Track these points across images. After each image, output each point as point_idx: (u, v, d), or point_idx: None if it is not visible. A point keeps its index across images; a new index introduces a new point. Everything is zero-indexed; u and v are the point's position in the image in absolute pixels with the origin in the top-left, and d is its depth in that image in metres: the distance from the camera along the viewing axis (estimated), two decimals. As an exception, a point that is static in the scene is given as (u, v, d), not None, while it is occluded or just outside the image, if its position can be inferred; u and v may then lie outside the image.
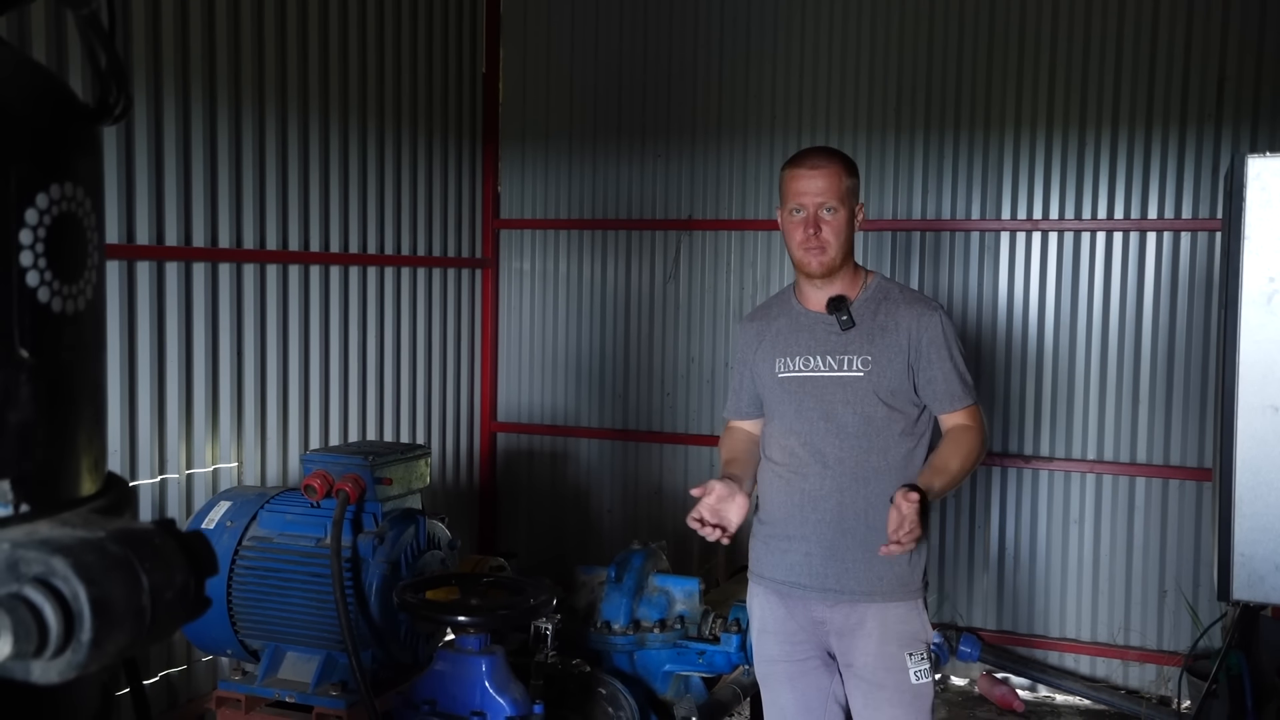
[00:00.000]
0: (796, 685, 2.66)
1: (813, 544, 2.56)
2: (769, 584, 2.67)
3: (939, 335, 2.55)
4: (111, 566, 0.88)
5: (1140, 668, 4.85)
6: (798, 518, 2.58)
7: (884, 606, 2.53)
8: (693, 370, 5.54)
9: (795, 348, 2.62)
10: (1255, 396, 2.12)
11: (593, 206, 5.69)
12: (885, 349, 2.54)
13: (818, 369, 2.58)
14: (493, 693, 2.67)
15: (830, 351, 2.57)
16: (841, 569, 2.54)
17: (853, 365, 2.55)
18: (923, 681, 2.53)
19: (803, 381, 2.59)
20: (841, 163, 2.60)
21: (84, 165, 1.07)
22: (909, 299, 2.62)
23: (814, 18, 5.25)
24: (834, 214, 2.54)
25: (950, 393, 2.55)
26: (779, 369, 2.63)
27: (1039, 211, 4.92)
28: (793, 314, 2.68)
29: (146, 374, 3.80)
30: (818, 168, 2.56)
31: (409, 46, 5.18)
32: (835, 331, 2.57)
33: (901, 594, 2.55)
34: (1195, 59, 4.68)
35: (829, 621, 2.59)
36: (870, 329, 2.56)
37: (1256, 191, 2.11)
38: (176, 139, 3.91)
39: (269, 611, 3.24)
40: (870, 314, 2.58)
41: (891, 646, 2.53)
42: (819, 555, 2.56)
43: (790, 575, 2.61)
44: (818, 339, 2.60)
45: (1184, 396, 4.75)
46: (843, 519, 2.53)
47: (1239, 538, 2.13)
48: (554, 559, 5.42)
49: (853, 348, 2.55)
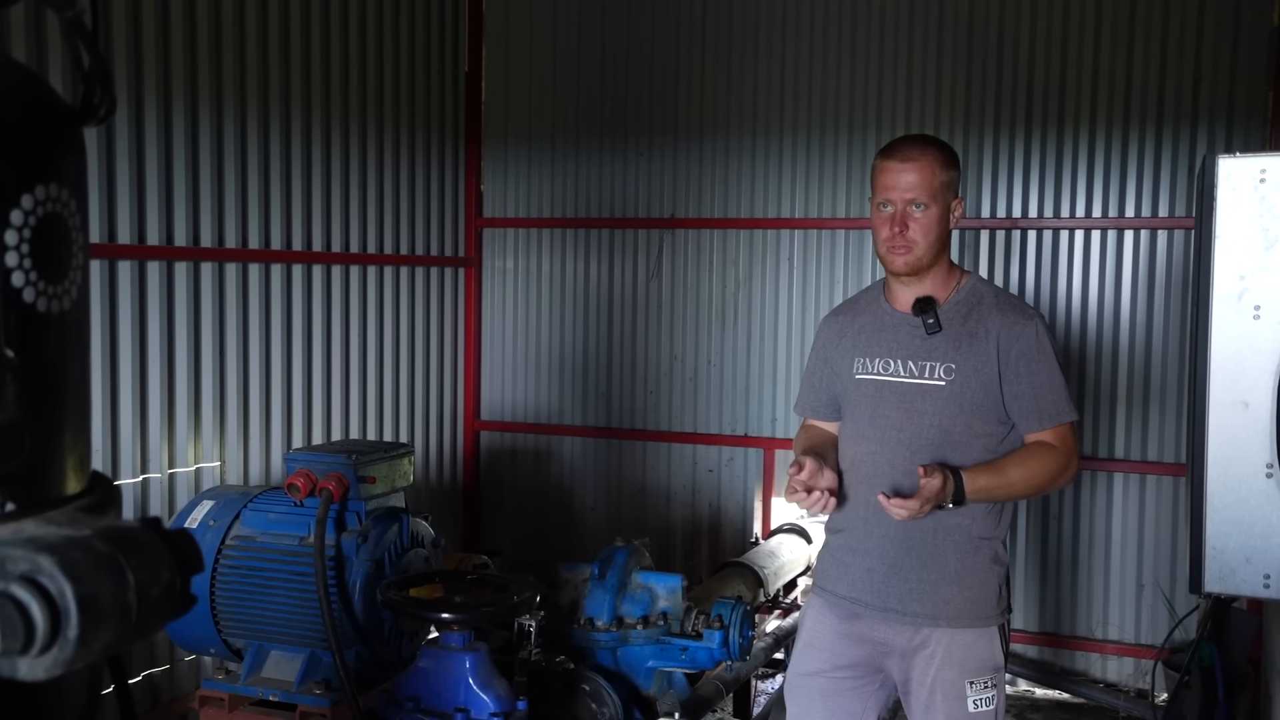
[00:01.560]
0: (830, 704, 2.52)
1: (875, 559, 2.41)
2: (828, 597, 2.52)
3: (1030, 346, 2.33)
4: (98, 564, 0.89)
5: (1118, 661, 4.90)
6: (862, 530, 2.43)
7: (950, 632, 2.37)
8: (675, 368, 5.56)
9: (876, 349, 2.45)
10: (1226, 393, 2.15)
11: (576, 205, 5.70)
12: (972, 358, 2.34)
13: (897, 374, 2.40)
14: (476, 689, 2.68)
15: (913, 356, 2.39)
16: (905, 589, 2.38)
17: (935, 373, 2.36)
18: (983, 710, 2.35)
19: (880, 385, 2.42)
20: (937, 154, 2.38)
21: (69, 166, 1.07)
22: (1003, 305, 2.41)
23: (795, 16, 5.27)
24: (924, 211, 2.35)
25: (1038, 410, 2.34)
26: (857, 369, 2.47)
27: (1017, 210, 4.96)
28: (879, 312, 2.50)
29: (128, 373, 3.79)
30: (910, 159, 2.35)
31: (391, 45, 5.18)
32: (920, 335, 2.38)
33: (971, 620, 2.37)
34: (1171, 59, 4.73)
35: (890, 643, 2.43)
36: (958, 335, 2.36)
37: (1227, 191, 2.14)
38: (158, 138, 3.90)
39: (252, 610, 3.23)
40: (960, 319, 2.38)
41: (951, 672, 2.36)
42: (881, 572, 2.40)
43: (852, 591, 2.46)
44: (901, 342, 2.42)
45: (1161, 393, 4.80)
46: (909, 536, 2.36)
47: (1210, 531, 2.17)
48: (539, 559, 5.43)
49: (937, 354, 2.36)
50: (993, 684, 2.38)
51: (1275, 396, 2.10)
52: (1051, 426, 2.35)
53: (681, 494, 5.58)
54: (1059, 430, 2.36)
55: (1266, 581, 2.11)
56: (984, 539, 2.40)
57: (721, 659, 3.28)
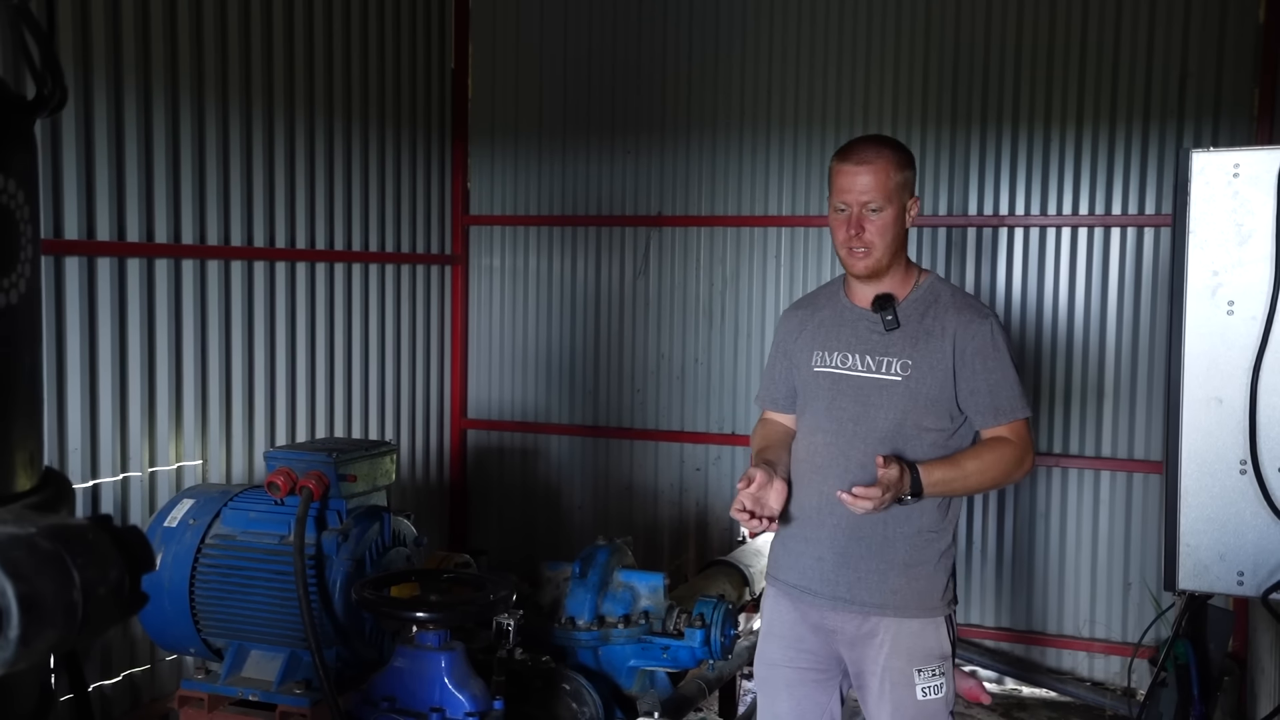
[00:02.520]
0: (795, 693, 2.56)
1: (825, 548, 2.46)
2: (782, 586, 2.58)
3: (986, 344, 2.39)
4: (42, 562, 0.88)
5: (1105, 659, 4.90)
6: (814, 520, 2.47)
7: (897, 621, 2.42)
8: (662, 366, 5.54)
9: (835, 343, 2.50)
10: (1200, 389, 2.15)
11: (562, 203, 5.69)
12: (928, 354, 2.40)
13: (855, 368, 2.46)
14: (452, 689, 2.66)
15: (870, 351, 2.45)
16: (854, 578, 2.43)
17: (892, 368, 2.41)
18: (931, 699, 2.41)
19: (838, 379, 2.48)
20: (892, 155, 2.42)
21: (16, 158, 1.06)
22: (959, 303, 2.46)
23: (782, 14, 5.26)
24: (879, 214, 2.38)
25: (994, 406, 2.39)
26: (816, 362, 2.53)
27: (1005, 207, 4.96)
28: (838, 307, 2.55)
29: (108, 371, 3.77)
30: (865, 163, 2.39)
31: (376, 41, 5.16)
32: (878, 331, 2.44)
33: (918, 610, 2.43)
34: (1158, 56, 4.73)
35: (840, 631, 2.49)
36: (915, 332, 2.42)
37: (1201, 186, 2.13)
38: (138, 134, 3.87)
39: (232, 610, 3.21)
40: (917, 316, 2.44)
41: (899, 661, 2.41)
42: (830, 561, 2.45)
43: (802, 579, 2.51)
44: (859, 337, 2.47)
45: (1148, 391, 4.80)
46: (858, 525, 2.40)
47: (1184, 528, 2.16)
48: (525, 558, 5.42)
49: (894, 350, 2.42)
50: (941, 672, 2.43)
51: (1249, 392, 2.10)
52: (1007, 422, 2.40)
53: (669, 492, 5.57)
54: (1014, 426, 2.41)
55: (1240, 578, 2.11)
56: (933, 531, 2.45)
57: (704, 658, 3.27)
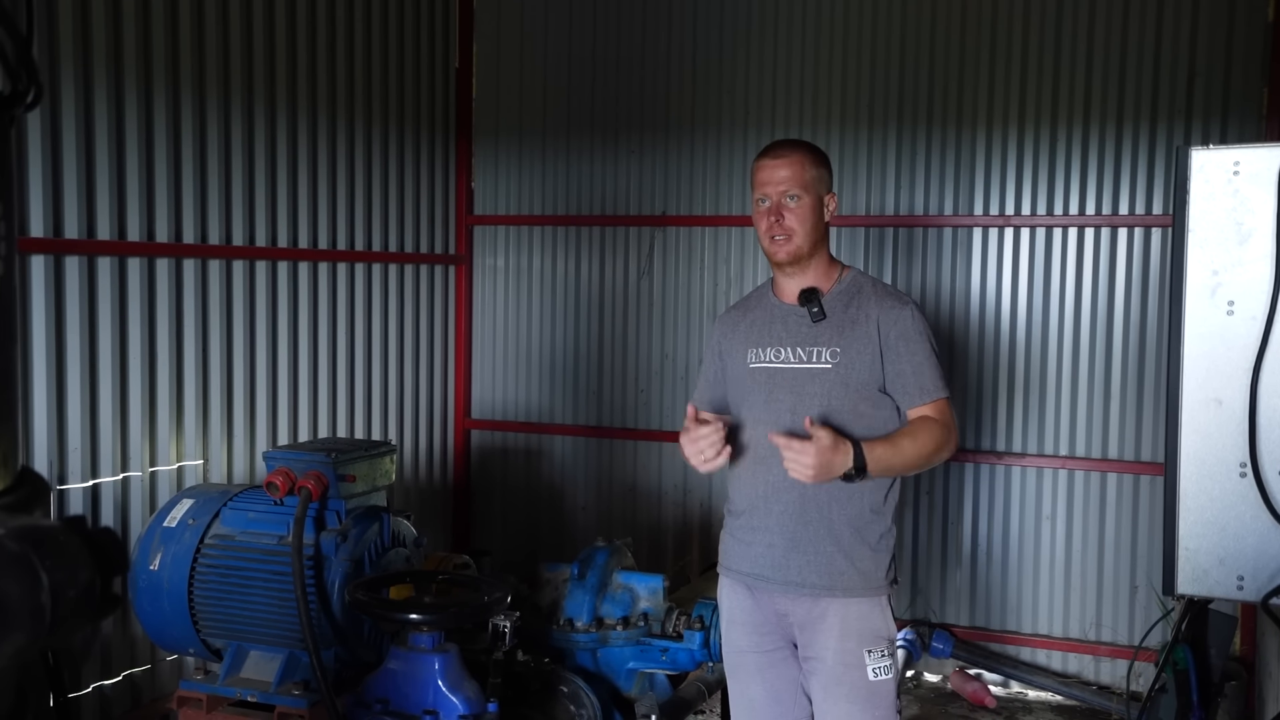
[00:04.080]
0: (766, 676, 2.66)
1: (775, 535, 2.57)
2: (735, 575, 2.67)
3: (908, 329, 2.54)
4: (7, 564, 0.86)
5: (1111, 663, 4.86)
6: (762, 509, 2.59)
7: (845, 602, 2.53)
8: (667, 366, 5.53)
9: (767, 339, 2.63)
10: (1199, 390, 2.12)
11: (567, 202, 5.67)
12: (854, 341, 2.54)
13: (787, 360, 2.59)
14: (445, 691, 2.65)
15: (800, 343, 2.58)
16: (804, 561, 2.54)
17: (821, 357, 2.55)
18: (881, 679, 2.53)
19: (773, 372, 2.60)
20: (806, 151, 2.61)
21: (-11, 153, 1.05)
22: (880, 293, 2.61)
23: (787, 14, 5.24)
24: (797, 202, 2.56)
25: (919, 386, 2.53)
26: (751, 359, 2.65)
27: (1011, 207, 4.93)
28: (768, 306, 2.69)
29: (108, 371, 3.76)
30: (781, 157, 2.59)
31: (380, 41, 5.15)
32: (807, 323, 2.58)
33: (864, 590, 2.54)
34: (1165, 55, 4.69)
35: (791, 614, 2.59)
36: (841, 321, 2.56)
37: (1200, 184, 2.10)
38: (139, 133, 3.86)
39: (231, 610, 3.21)
40: (842, 307, 2.58)
41: (850, 642, 2.52)
42: (781, 547, 2.56)
43: (754, 567, 2.61)
44: (789, 330, 2.61)
45: (1154, 392, 4.76)
46: (804, 510, 2.53)
47: (1183, 531, 2.13)
48: (526, 557, 5.40)
49: (822, 340, 2.56)
50: (888, 653, 2.55)
51: (1249, 394, 2.07)
52: (930, 401, 2.53)
53: (673, 493, 5.55)
54: (938, 404, 2.54)
55: (1240, 583, 2.07)
56: (874, 513, 2.57)
57: (703, 660, 3.25)
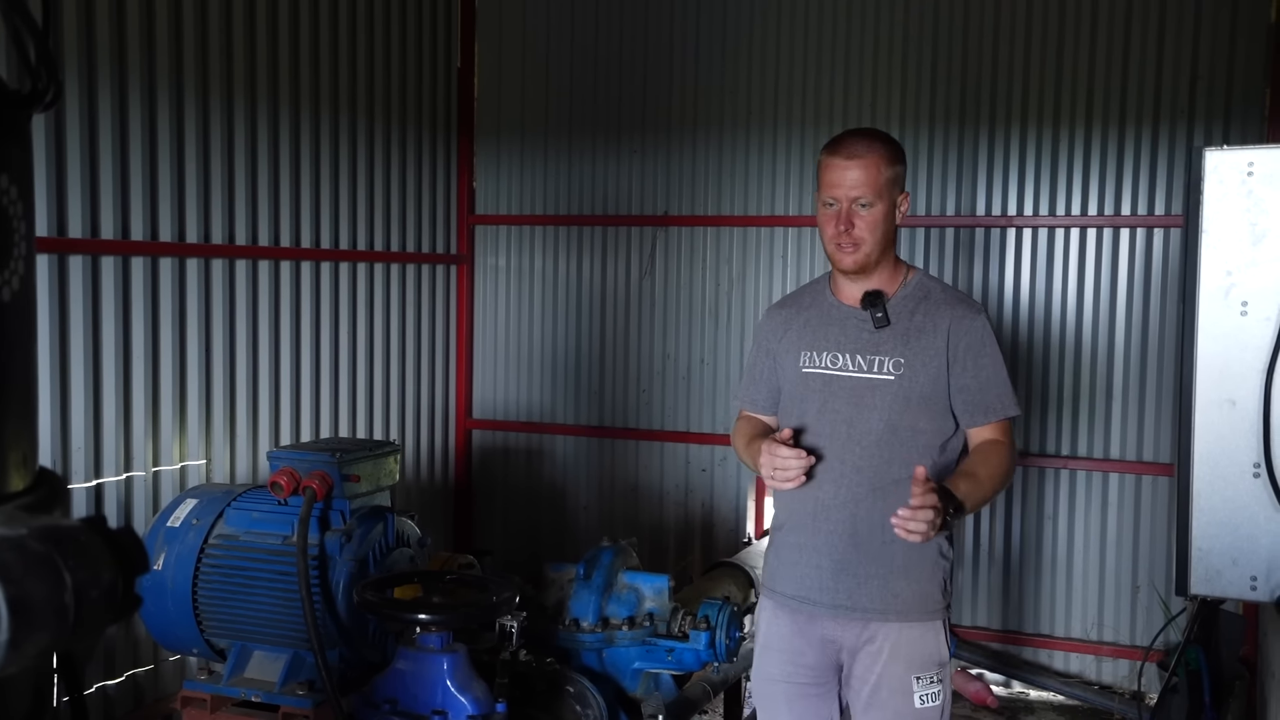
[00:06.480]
0: (794, 708, 2.50)
1: (823, 556, 2.38)
2: (778, 598, 2.50)
3: (979, 340, 2.34)
4: (32, 564, 0.86)
5: (1114, 663, 4.86)
6: (809, 527, 2.40)
7: (899, 626, 2.36)
8: (668, 367, 5.52)
9: (824, 342, 2.43)
10: (1213, 390, 2.12)
11: (568, 202, 5.67)
12: (920, 352, 2.34)
13: (846, 368, 2.38)
14: (454, 691, 2.64)
15: (861, 350, 2.38)
16: (854, 584, 2.36)
17: (884, 367, 2.35)
18: (929, 706, 2.35)
19: (828, 380, 2.40)
20: (883, 150, 2.36)
21: (11, 154, 1.04)
22: (951, 299, 2.41)
23: (789, 13, 5.24)
24: (869, 209, 2.33)
25: (984, 404, 2.34)
26: (804, 362, 2.44)
27: (1013, 208, 4.93)
28: (824, 305, 2.48)
29: (112, 370, 3.76)
30: (855, 157, 2.33)
31: (382, 40, 5.14)
32: (868, 329, 2.38)
33: (920, 614, 2.37)
34: (1168, 57, 4.69)
35: (840, 640, 2.42)
36: (906, 329, 2.36)
37: (1214, 185, 2.11)
38: (142, 132, 3.86)
39: (235, 610, 3.20)
40: (908, 313, 2.38)
41: (898, 667, 2.35)
42: (829, 569, 2.38)
43: (799, 589, 2.43)
44: (849, 335, 2.40)
45: (1157, 392, 4.77)
46: (856, 532, 2.35)
47: (1196, 532, 2.13)
48: (528, 557, 5.40)
49: (885, 348, 2.36)
50: (939, 679, 2.38)
51: (1263, 394, 2.07)
52: (995, 420, 2.36)
53: (675, 493, 5.54)
54: (1003, 425, 2.37)
55: (1253, 583, 2.08)
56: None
57: (708, 660, 3.25)
